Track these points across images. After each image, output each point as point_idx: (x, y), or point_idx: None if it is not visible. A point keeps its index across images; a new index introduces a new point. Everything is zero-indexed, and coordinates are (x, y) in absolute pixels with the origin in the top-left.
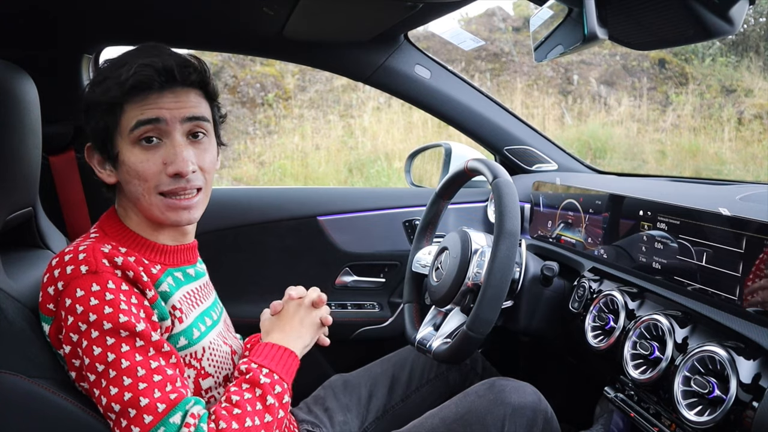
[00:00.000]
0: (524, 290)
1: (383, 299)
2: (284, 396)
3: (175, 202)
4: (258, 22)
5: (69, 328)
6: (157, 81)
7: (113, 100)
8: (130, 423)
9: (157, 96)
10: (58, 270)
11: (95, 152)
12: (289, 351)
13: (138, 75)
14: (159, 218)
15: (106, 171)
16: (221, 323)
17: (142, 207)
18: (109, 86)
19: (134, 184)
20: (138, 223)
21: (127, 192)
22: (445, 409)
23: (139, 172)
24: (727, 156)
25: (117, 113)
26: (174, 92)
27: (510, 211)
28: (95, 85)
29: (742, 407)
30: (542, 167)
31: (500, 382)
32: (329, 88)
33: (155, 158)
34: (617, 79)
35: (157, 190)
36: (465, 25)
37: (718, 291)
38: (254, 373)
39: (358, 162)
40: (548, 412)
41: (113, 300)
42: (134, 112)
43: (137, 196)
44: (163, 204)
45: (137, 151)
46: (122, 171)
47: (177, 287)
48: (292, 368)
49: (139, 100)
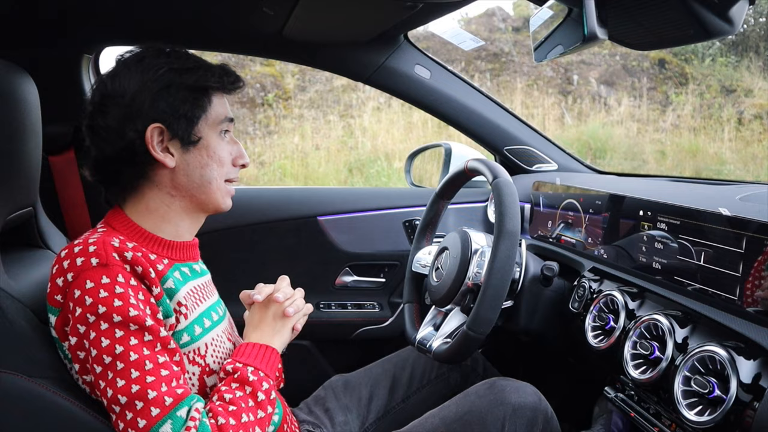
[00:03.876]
0: (524, 290)
1: (383, 299)
2: (271, 392)
3: (232, 189)
4: (258, 22)
5: (77, 320)
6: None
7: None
8: (136, 415)
9: (225, 97)
10: (67, 261)
11: (167, 133)
12: (270, 348)
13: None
14: (219, 202)
15: (168, 155)
16: (226, 321)
17: (205, 191)
18: (204, 75)
19: (212, 168)
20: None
21: (194, 177)
22: (445, 410)
23: (221, 158)
24: (727, 156)
25: (205, 102)
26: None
27: (510, 211)
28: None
29: (742, 407)
30: (542, 167)
31: (500, 383)
32: (329, 88)
33: (230, 149)
34: (617, 79)
35: (226, 176)
36: (465, 25)
37: (718, 291)
38: (242, 372)
39: (358, 162)
40: (548, 412)
41: (123, 293)
42: (219, 107)
43: (209, 180)
44: (226, 190)
45: (219, 139)
46: (200, 155)
47: (184, 282)
48: (275, 364)
49: (220, 96)
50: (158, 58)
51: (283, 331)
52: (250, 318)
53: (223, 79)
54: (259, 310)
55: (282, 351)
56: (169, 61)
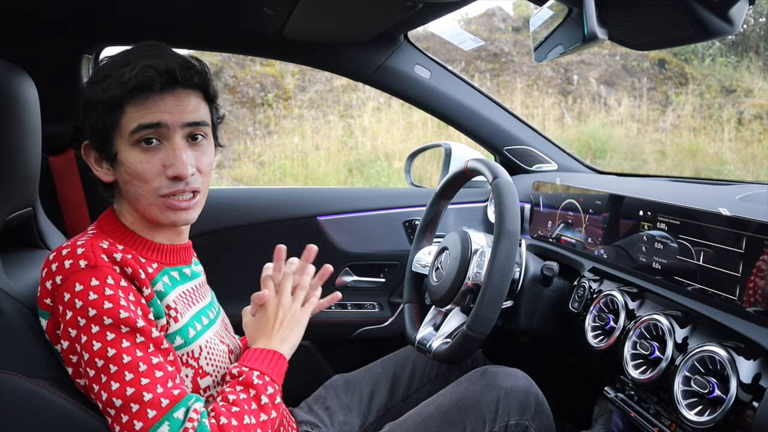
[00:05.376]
0: (524, 290)
1: (383, 299)
2: (276, 397)
3: (174, 203)
4: (258, 22)
5: (67, 323)
6: (159, 82)
7: (114, 99)
8: (132, 418)
9: (158, 98)
10: (55, 264)
11: (93, 150)
12: (277, 354)
13: (140, 76)
14: (157, 218)
15: (103, 169)
16: (218, 323)
17: (140, 207)
18: (109, 85)
19: (133, 184)
20: (134, 221)
21: (124, 191)
22: (439, 398)
23: (139, 173)
24: (727, 156)
25: (117, 113)
26: (175, 94)
27: (510, 211)
28: (95, 83)
29: (742, 407)
30: (542, 167)
31: (492, 369)
32: (329, 88)
33: (155, 160)
34: (617, 79)
35: (157, 192)
36: (465, 25)
37: (718, 291)
38: (246, 375)
39: (358, 162)
40: (540, 395)
41: (113, 295)
42: (135, 114)
43: (136, 196)
44: (163, 205)
45: (136, 152)
46: (121, 171)
47: (172, 287)
48: (281, 370)
49: (139, 102)
50: (96, 71)
51: (290, 337)
52: (257, 322)
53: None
54: (266, 315)
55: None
56: (94, 72)
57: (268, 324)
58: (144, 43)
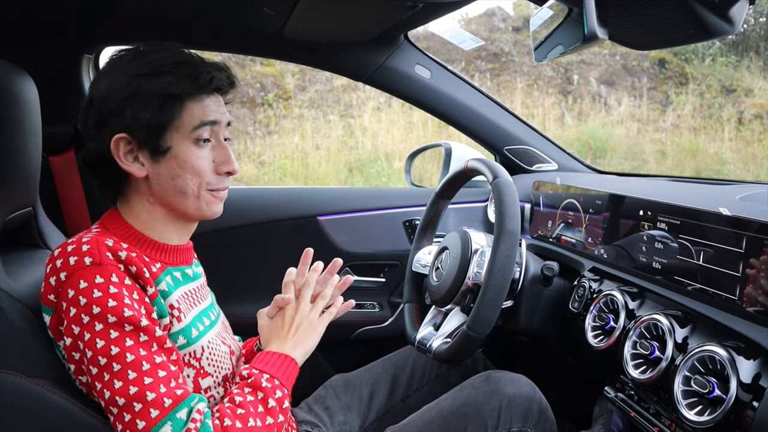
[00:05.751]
0: (524, 290)
1: (383, 299)
2: (284, 401)
3: (218, 195)
4: (258, 22)
5: (71, 320)
6: (226, 84)
7: (183, 95)
8: (134, 417)
9: (213, 99)
10: (60, 260)
11: (132, 143)
12: (289, 358)
13: (216, 78)
14: (203, 211)
15: (137, 164)
16: (219, 324)
17: (182, 200)
18: (176, 80)
19: (185, 178)
20: (145, 219)
21: (166, 186)
22: (442, 402)
23: (195, 168)
24: (727, 156)
25: (177, 108)
26: (218, 97)
27: (510, 211)
28: (146, 77)
29: (742, 407)
30: (542, 167)
31: (495, 375)
32: (329, 88)
33: (208, 156)
34: (617, 79)
35: (207, 186)
36: (465, 25)
37: (718, 291)
38: (255, 378)
39: (358, 162)
40: (543, 402)
41: (117, 293)
42: (196, 111)
43: (184, 190)
44: (211, 198)
45: (194, 147)
46: (171, 165)
47: (175, 287)
48: (292, 375)
49: (199, 100)
50: (131, 62)
51: (306, 342)
52: (273, 325)
53: (196, 81)
54: (282, 319)
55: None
56: (139, 65)
57: (283, 328)
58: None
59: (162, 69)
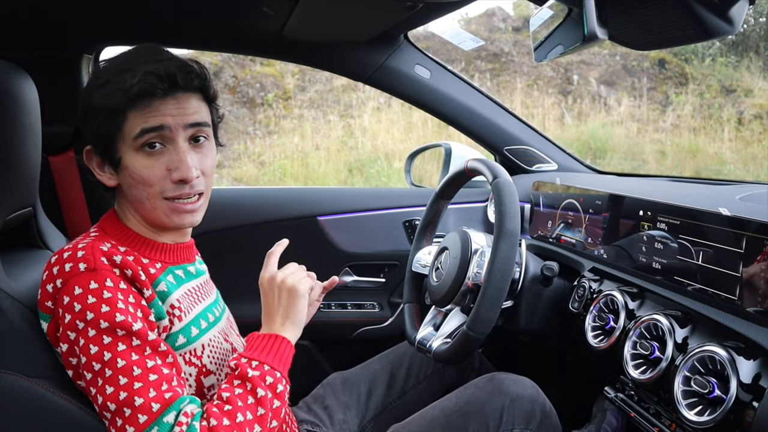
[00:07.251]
0: (524, 290)
1: (383, 299)
2: (277, 386)
3: (179, 206)
4: (258, 22)
5: (66, 326)
6: (161, 88)
7: (116, 107)
8: (125, 422)
9: (159, 102)
10: (56, 267)
11: (95, 155)
12: (279, 338)
13: (142, 83)
14: (163, 221)
15: (106, 174)
16: (224, 321)
17: (145, 210)
18: (110, 92)
19: (138, 188)
20: (137, 223)
21: (129, 195)
22: (445, 401)
23: (144, 178)
24: (727, 156)
25: (119, 119)
26: (176, 98)
27: (510, 211)
28: (95, 89)
29: (742, 407)
30: (542, 167)
31: (499, 376)
32: (329, 88)
33: (159, 164)
34: (617, 79)
35: (162, 195)
36: (465, 25)
37: (718, 291)
38: (242, 368)
39: (358, 162)
40: (546, 405)
41: (111, 298)
42: (138, 120)
43: (141, 200)
44: (168, 208)
45: (141, 157)
46: (125, 175)
47: (177, 285)
48: (284, 355)
49: (142, 107)
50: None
51: (291, 311)
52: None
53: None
54: (265, 297)
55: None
56: (95, 76)
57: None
58: (142, 46)
59: (107, 79)
